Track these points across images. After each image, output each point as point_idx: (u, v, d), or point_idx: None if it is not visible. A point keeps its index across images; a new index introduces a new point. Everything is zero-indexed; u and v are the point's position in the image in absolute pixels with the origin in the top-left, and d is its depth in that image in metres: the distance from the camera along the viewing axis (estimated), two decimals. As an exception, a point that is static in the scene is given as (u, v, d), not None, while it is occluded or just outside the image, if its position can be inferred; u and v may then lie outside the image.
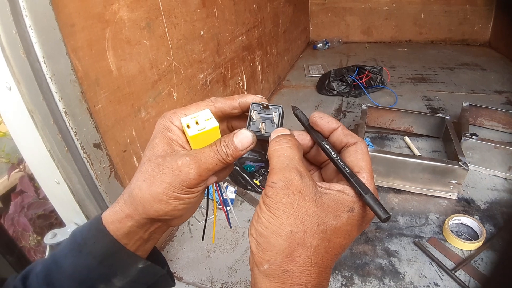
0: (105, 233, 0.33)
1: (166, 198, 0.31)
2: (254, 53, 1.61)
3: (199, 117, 0.32)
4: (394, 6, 2.77)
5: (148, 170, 0.31)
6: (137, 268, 0.34)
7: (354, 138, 0.32)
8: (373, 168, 1.09)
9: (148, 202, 0.31)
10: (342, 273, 0.85)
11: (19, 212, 1.27)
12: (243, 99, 0.34)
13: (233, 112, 0.35)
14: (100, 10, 0.68)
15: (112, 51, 0.71)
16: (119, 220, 0.33)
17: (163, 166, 0.31)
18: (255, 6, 1.57)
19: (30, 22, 0.53)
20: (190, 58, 1.02)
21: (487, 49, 2.59)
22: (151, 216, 0.32)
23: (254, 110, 0.33)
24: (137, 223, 0.33)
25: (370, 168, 0.30)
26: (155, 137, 0.33)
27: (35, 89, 0.55)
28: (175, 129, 0.33)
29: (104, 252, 0.33)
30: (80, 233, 0.34)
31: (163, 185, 0.30)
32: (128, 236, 0.33)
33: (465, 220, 0.95)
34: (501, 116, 1.41)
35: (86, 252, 0.33)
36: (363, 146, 0.31)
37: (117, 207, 0.33)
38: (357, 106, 1.75)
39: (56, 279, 0.33)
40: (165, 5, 0.88)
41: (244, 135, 0.32)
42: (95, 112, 0.66)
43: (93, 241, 0.33)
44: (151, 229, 0.34)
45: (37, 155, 0.61)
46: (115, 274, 0.33)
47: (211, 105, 0.34)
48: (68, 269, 0.33)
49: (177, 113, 0.34)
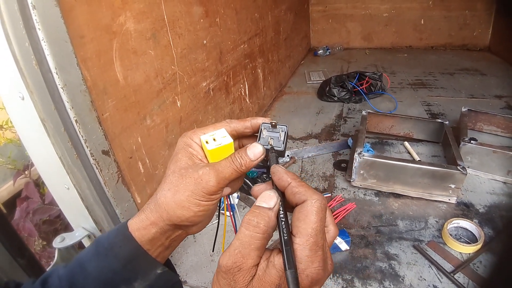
0: (130, 239, 0.36)
1: (189, 204, 0.34)
2: (256, 61, 1.64)
3: (216, 135, 0.37)
4: (394, 12, 2.80)
5: (173, 181, 0.35)
6: (155, 273, 0.37)
7: (303, 195, 0.31)
8: (373, 173, 1.12)
9: (172, 208, 0.35)
10: (342, 276, 0.86)
11: (24, 218, 1.29)
12: (255, 121, 0.39)
13: (245, 132, 0.40)
14: (108, 21, 0.71)
15: (119, 61, 0.74)
16: (145, 227, 0.36)
17: (186, 177, 0.35)
18: (257, 15, 1.60)
19: (43, 35, 0.56)
20: (194, 67, 1.05)
21: (487, 54, 2.62)
22: (174, 222, 0.35)
23: (264, 128, 0.39)
24: (160, 229, 0.36)
25: (314, 229, 0.28)
26: (178, 153, 0.37)
27: (47, 99, 0.58)
28: (195, 146, 0.38)
29: (129, 256, 0.36)
30: (107, 239, 0.37)
31: (186, 193, 0.34)
32: (151, 242, 0.36)
33: (464, 223, 0.97)
34: (500, 121, 1.43)
35: (112, 256, 0.36)
36: (309, 205, 0.30)
37: (143, 215, 0.36)
38: (357, 112, 1.77)
39: (79, 282, 0.36)
40: (170, 16, 0.91)
41: (256, 147, 0.36)
42: (103, 120, 0.69)
43: (119, 245, 0.36)
44: (172, 236, 0.38)
45: (48, 161, 0.63)
46: (136, 278, 0.36)
47: (227, 125, 0.39)
48: (93, 272, 0.36)
49: (197, 132, 0.38)
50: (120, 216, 0.75)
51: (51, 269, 0.39)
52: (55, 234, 1.15)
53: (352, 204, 1.10)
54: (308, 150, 1.41)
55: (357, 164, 1.13)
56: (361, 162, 1.12)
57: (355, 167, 1.14)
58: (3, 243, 0.63)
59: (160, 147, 0.91)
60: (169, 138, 0.94)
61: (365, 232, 1.00)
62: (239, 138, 0.41)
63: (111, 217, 0.74)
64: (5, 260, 0.63)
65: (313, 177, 1.27)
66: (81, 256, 0.38)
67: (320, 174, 1.28)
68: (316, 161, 1.37)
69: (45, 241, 1.30)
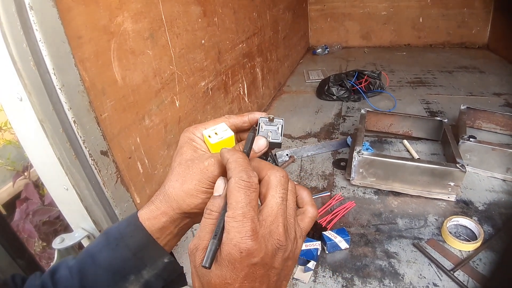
0: (141, 228, 0.38)
1: (196, 192, 0.36)
2: (254, 60, 1.64)
3: (217, 129, 0.39)
4: (392, 10, 2.81)
5: (180, 172, 0.37)
6: (163, 262, 0.39)
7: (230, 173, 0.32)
8: (372, 172, 1.12)
9: (181, 198, 0.37)
10: (342, 274, 0.86)
11: (24, 219, 1.29)
12: (252, 115, 0.42)
13: (243, 126, 0.42)
14: (106, 22, 0.71)
15: (117, 62, 0.74)
16: (155, 217, 0.38)
17: (192, 167, 0.37)
18: (255, 14, 1.60)
19: (41, 36, 0.56)
20: (192, 67, 1.05)
21: (486, 52, 2.62)
22: (183, 210, 0.37)
23: (262, 122, 0.41)
24: (170, 218, 0.38)
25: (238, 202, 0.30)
26: (182, 146, 0.40)
27: (45, 100, 0.58)
28: (198, 140, 0.40)
29: (139, 245, 0.38)
30: (117, 229, 0.39)
31: (194, 182, 0.36)
32: (161, 231, 0.38)
33: (464, 221, 0.97)
34: (499, 118, 1.43)
35: (123, 245, 0.37)
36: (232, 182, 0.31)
37: (152, 206, 0.38)
38: (356, 111, 1.78)
39: (90, 271, 0.37)
40: (168, 15, 0.91)
41: (260, 140, 0.39)
42: (101, 120, 0.69)
43: (130, 235, 0.38)
44: (181, 225, 0.40)
45: (46, 162, 0.63)
46: (145, 266, 0.38)
47: (226, 120, 0.41)
48: (103, 262, 0.37)
49: (198, 127, 0.41)
50: (119, 216, 0.75)
51: (59, 263, 0.40)
52: (55, 235, 1.15)
53: (351, 202, 1.10)
54: (307, 149, 1.41)
55: (356, 162, 1.13)
56: (360, 160, 1.12)
57: (354, 165, 1.14)
58: (3, 245, 0.63)
59: (159, 147, 0.91)
60: (168, 138, 0.94)
61: (364, 230, 1.00)
62: (237, 132, 0.43)
63: (110, 217, 0.74)
64: (5, 261, 0.64)
65: (312, 176, 1.27)
66: (91, 248, 0.39)
67: (320, 173, 1.28)
68: (315, 160, 1.37)
69: (45, 242, 1.30)
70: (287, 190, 0.33)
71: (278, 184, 0.32)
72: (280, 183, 0.32)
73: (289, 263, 0.32)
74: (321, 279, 0.86)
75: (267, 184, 0.32)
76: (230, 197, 0.30)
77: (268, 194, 0.32)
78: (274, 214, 0.31)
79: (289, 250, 0.31)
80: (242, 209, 0.29)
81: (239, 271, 0.29)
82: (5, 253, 0.63)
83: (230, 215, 0.29)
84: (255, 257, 0.29)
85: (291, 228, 0.32)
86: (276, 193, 0.32)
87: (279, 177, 0.32)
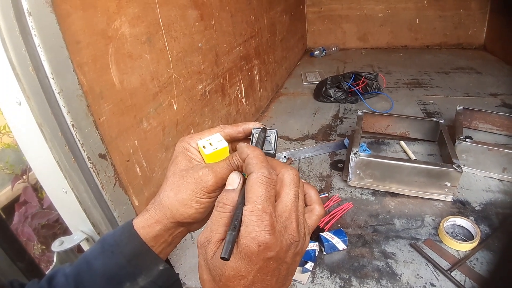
0: (136, 236, 0.38)
1: (190, 202, 0.37)
2: (252, 63, 1.65)
3: (211, 140, 0.40)
4: (389, 12, 2.82)
5: (174, 182, 0.38)
6: (158, 269, 0.39)
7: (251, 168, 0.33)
8: (369, 173, 1.12)
9: (175, 207, 0.37)
10: (340, 275, 0.87)
11: (23, 222, 1.29)
12: (246, 126, 0.42)
13: (238, 136, 0.42)
14: (104, 26, 0.71)
15: (115, 65, 0.75)
16: (149, 225, 0.38)
17: (187, 177, 0.37)
18: (252, 17, 1.61)
19: (39, 41, 0.56)
20: (190, 70, 1.06)
21: (482, 52, 2.64)
22: (177, 219, 0.38)
23: (255, 133, 0.41)
24: (164, 227, 0.38)
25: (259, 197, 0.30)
26: (177, 156, 0.40)
27: (44, 104, 0.59)
28: (193, 149, 0.40)
29: (134, 252, 0.38)
30: (112, 236, 0.39)
31: (188, 192, 0.37)
32: (155, 239, 0.39)
33: (460, 221, 0.98)
34: (496, 119, 1.44)
35: (118, 252, 0.38)
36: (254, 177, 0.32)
37: (147, 214, 0.39)
38: (353, 112, 1.78)
39: (85, 278, 0.38)
40: (165, 19, 0.92)
41: None
42: (100, 124, 0.70)
43: (125, 242, 0.38)
44: (175, 233, 0.40)
45: (45, 166, 0.64)
46: (140, 274, 0.38)
47: (221, 131, 0.41)
48: (99, 268, 0.38)
49: (193, 137, 0.41)
50: (118, 219, 0.75)
51: (55, 269, 0.40)
52: (54, 238, 1.15)
53: (349, 203, 1.10)
54: (305, 150, 1.42)
55: (353, 164, 1.13)
56: (357, 162, 1.12)
57: (352, 167, 1.14)
58: (3, 247, 0.63)
59: (157, 150, 0.91)
60: (166, 141, 0.95)
61: (362, 231, 1.00)
62: (231, 142, 0.44)
63: (109, 220, 0.74)
64: (5, 264, 0.64)
65: (310, 178, 1.27)
66: (87, 254, 0.40)
67: (317, 175, 1.29)
68: (313, 161, 1.38)
69: (44, 245, 1.30)
70: (299, 187, 0.34)
71: (292, 182, 0.33)
72: (293, 181, 0.33)
73: (297, 259, 0.34)
74: (319, 280, 0.86)
75: (281, 182, 0.33)
76: (251, 191, 0.31)
77: (282, 191, 0.33)
78: (288, 210, 0.32)
79: (300, 246, 0.33)
80: (262, 204, 0.30)
81: (254, 264, 0.30)
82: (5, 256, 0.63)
83: (249, 208, 0.30)
84: (271, 251, 0.30)
85: (301, 225, 0.33)
86: (290, 190, 0.33)
87: (292, 175, 0.34)
